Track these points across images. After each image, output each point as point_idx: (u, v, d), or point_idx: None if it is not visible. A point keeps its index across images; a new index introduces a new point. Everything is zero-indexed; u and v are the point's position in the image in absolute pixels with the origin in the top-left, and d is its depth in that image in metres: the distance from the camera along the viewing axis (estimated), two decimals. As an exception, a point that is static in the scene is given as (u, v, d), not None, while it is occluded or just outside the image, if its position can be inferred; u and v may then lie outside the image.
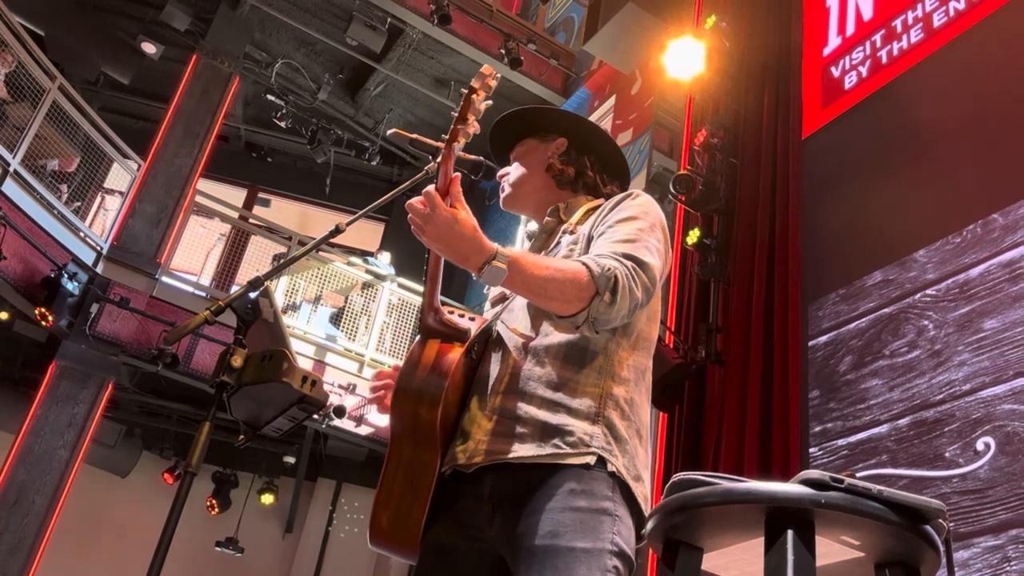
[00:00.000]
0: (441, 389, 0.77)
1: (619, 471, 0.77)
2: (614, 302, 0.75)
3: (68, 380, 3.94)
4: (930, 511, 0.60)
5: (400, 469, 0.78)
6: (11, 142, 3.77)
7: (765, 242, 2.58)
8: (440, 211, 0.71)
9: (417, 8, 4.81)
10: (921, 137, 2.27)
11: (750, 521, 0.61)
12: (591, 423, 0.78)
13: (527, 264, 0.75)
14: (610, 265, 0.76)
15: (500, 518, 0.77)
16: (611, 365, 0.82)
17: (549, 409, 0.78)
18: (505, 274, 0.73)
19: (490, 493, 0.78)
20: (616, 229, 0.83)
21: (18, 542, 3.64)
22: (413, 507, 0.76)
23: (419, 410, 0.78)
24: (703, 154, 2.85)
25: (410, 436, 0.78)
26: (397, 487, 0.78)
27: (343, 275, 5.01)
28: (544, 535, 0.72)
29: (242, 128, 6.01)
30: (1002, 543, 1.67)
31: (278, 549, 5.20)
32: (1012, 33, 2.11)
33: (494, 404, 0.80)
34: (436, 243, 0.73)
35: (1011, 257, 1.90)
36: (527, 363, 0.81)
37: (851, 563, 0.64)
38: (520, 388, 0.80)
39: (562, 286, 0.75)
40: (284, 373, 0.99)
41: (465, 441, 0.80)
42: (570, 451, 0.76)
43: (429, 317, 0.83)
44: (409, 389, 0.79)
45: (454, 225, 0.72)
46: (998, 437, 1.76)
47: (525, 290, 0.76)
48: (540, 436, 0.77)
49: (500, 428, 0.79)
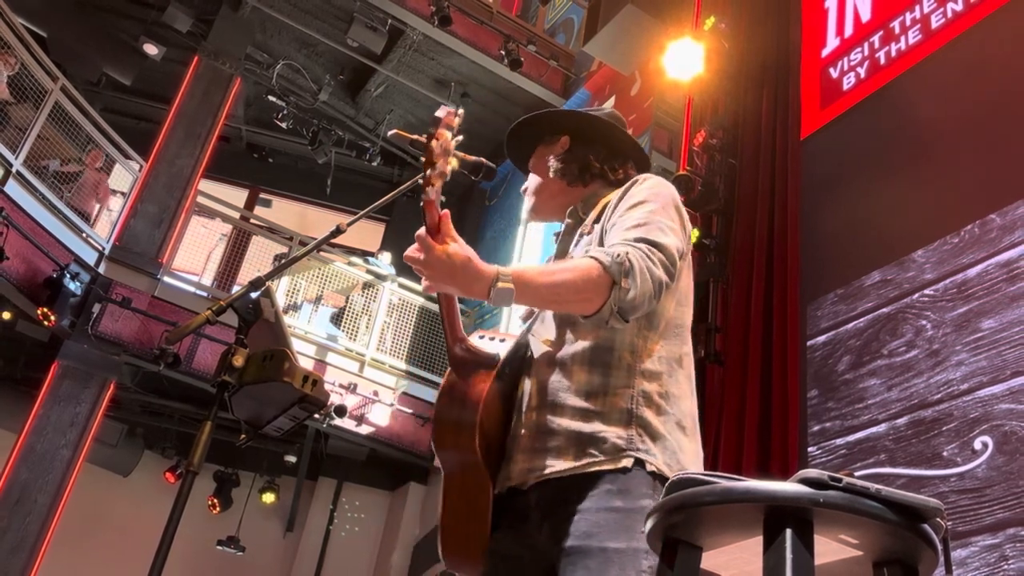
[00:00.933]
0: (474, 420, 0.79)
1: (659, 469, 0.77)
2: (634, 286, 0.74)
3: (70, 380, 3.95)
4: (928, 510, 0.59)
5: (458, 495, 0.82)
6: (14, 143, 3.78)
7: (764, 242, 2.59)
8: (433, 253, 0.72)
9: (417, 9, 4.82)
10: (919, 138, 2.28)
11: (749, 520, 0.61)
12: (624, 426, 0.78)
13: (532, 277, 0.74)
14: (620, 251, 0.76)
15: (547, 525, 0.78)
16: (640, 362, 0.81)
17: (581, 418, 0.79)
18: (513, 292, 0.73)
19: (537, 503, 0.80)
20: (626, 217, 0.83)
21: (20, 541, 3.65)
22: (475, 530, 0.80)
23: (459, 441, 0.80)
24: (702, 155, 2.85)
25: (458, 465, 0.82)
26: (460, 511, 0.82)
27: (344, 275, 5.02)
28: (579, 536, 0.74)
29: (243, 129, 6.03)
30: (999, 542, 1.68)
31: (279, 548, 5.20)
32: (1010, 34, 2.12)
33: (529, 420, 0.82)
34: (439, 284, 0.74)
35: (1009, 257, 1.90)
36: (555, 374, 0.82)
37: (849, 562, 0.64)
38: (551, 401, 0.81)
39: (575, 287, 0.74)
40: (285, 373, 1.00)
41: (509, 462, 0.82)
42: (605, 459, 0.77)
43: (456, 347, 0.84)
44: (447, 422, 0.82)
45: (447, 262, 0.72)
46: (995, 436, 1.77)
47: (539, 301, 0.77)
48: (575, 448, 0.78)
49: (536, 444, 0.80)
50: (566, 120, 0.99)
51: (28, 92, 3.94)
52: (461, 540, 0.81)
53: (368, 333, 4.84)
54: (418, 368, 4.92)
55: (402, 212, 6.12)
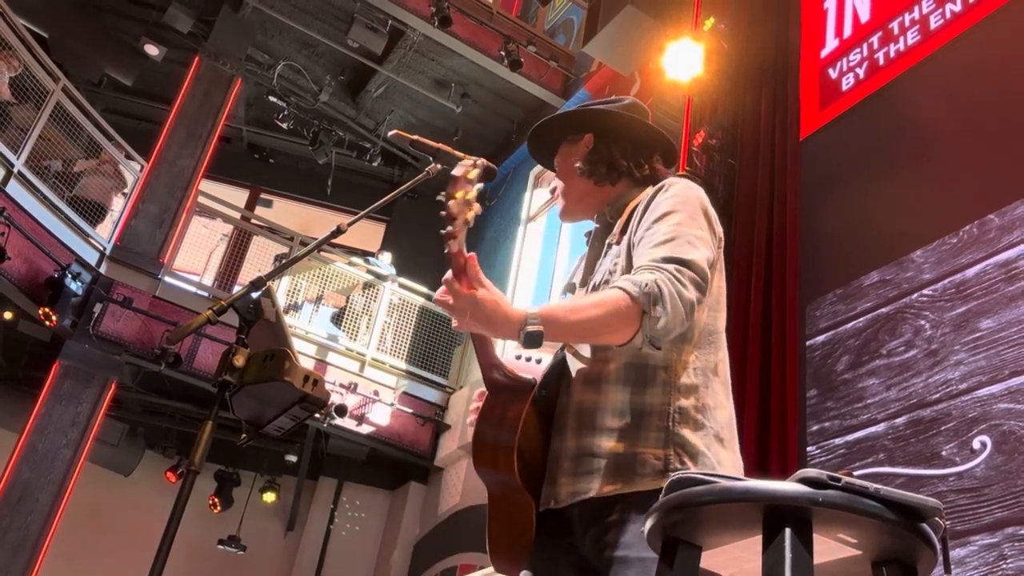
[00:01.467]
0: (512, 444, 0.80)
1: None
2: (663, 314, 0.75)
3: (72, 379, 3.96)
4: (927, 509, 0.59)
5: (503, 513, 0.85)
6: (15, 143, 3.79)
7: (763, 242, 2.59)
8: (461, 298, 0.73)
9: (418, 10, 4.83)
10: (918, 138, 2.28)
11: (748, 519, 0.61)
12: (662, 447, 0.79)
13: (561, 315, 0.75)
14: (647, 280, 0.76)
15: (590, 537, 0.81)
16: (675, 377, 0.81)
17: (619, 439, 0.80)
18: (542, 334, 0.73)
19: (579, 516, 0.82)
20: (653, 232, 0.82)
21: (22, 540, 3.66)
22: (519, 540, 0.84)
23: (498, 464, 0.82)
24: (702, 155, 2.86)
25: (500, 491, 0.85)
26: (504, 528, 0.85)
27: (344, 275, 5.02)
28: (620, 547, 0.77)
29: (244, 129, 6.04)
30: (998, 541, 1.68)
31: (280, 547, 5.21)
32: (1009, 35, 2.12)
33: (571, 444, 0.83)
34: (472, 327, 0.76)
35: (1007, 257, 1.91)
36: (591, 394, 0.83)
37: (848, 561, 0.64)
38: (590, 422, 0.82)
39: (605, 321, 0.75)
40: (286, 372, 1.00)
41: (552, 485, 0.84)
42: (643, 482, 0.79)
43: (493, 372, 0.85)
44: (485, 446, 0.84)
45: (476, 308, 0.73)
46: (994, 436, 1.77)
47: (570, 338, 0.78)
48: (614, 471, 0.80)
49: (576, 467, 0.82)
50: (588, 118, 0.98)
51: (29, 93, 3.95)
52: (507, 551, 0.85)
53: (368, 333, 4.84)
54: (418, 368, 4.93)
55: (402, 212, 6.13)
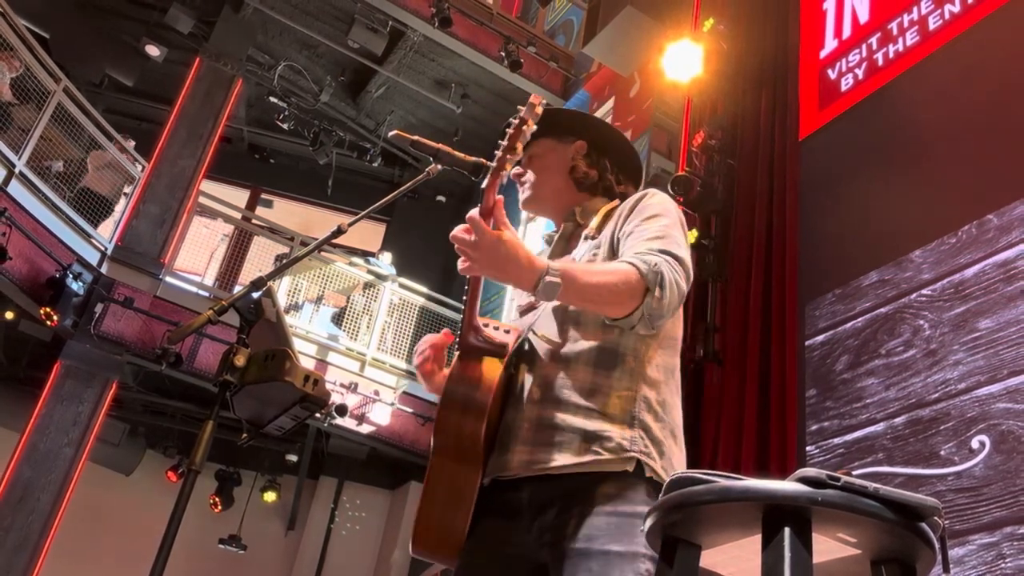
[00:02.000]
0: (485, 405, 0.79)
1: (657, 474, 0.78)
2: (664, 296, 0.77)
3: (73, 379, 3.97)
4: (926, 509, 0.59)
5: (443, 482, 0.80)
6: (16, 144, 3.80)
7: (762, 242, 2.59)
8: (486, 237, 0.72)
9: (418, 11, 4.83)
10: (917, 139, 2.29)
11: (747, 519, 0.61)
12: (628, 427, 0.79)
13: (579, 275, 0.75)
14: (656, 261, 0.78)
15: (539, 524, 0.78)
16: (641, 367, 0.82)
17: (585, 415, 0.79)
18: (560, 288, 0.73)
19: (529, 500, 0.79)
20: (644, 228, 0.84)
21: (23, 539, 3.67)
22: (456, 518, 0.78)
23: (464, 425, 0.79)
24: (701, 155, 2.86)
25: (453, 451, 0.80)
26: (440, 499, 0.80)
27: (345, 275, 5.03)
28: (580, 539, 0.74)
29: (245, 130, 6.05)
30: (997, 540, 1.69)
31: (280, 546, 5.22)
32: (1007, 35, 2.13)
33: (531, 414, 0.81)
34: (487, 269, 0.73)
35: (1006, 257, 1.91)
36: (559, 370, 0.82)
37: (847, 560, 0.64)
38: (555, 396, 0.81)
39: (615, 289, 0.76)
40: (286, 372, 1.00)
41: (504, 452, 0.81)
42: (610, 457, 0.77)
43: (470, 335, 0.83)
44: (454, 404, 0.80)
45: (501, 247, 0.72)
46: (993, 435, 1.78)
47: (580, 300, 0.77)
48: (579, 444, 0.78)
49: (539, 438, 0.80)
50: (585, 124, 0.98)
51: (31, 93, 3.95)
52: (439, 527, 0.79)
53: (369, 333, 4.85)
54: (419, 368, 4.93)
55: (403, 213, 6.14)
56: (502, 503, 0.81)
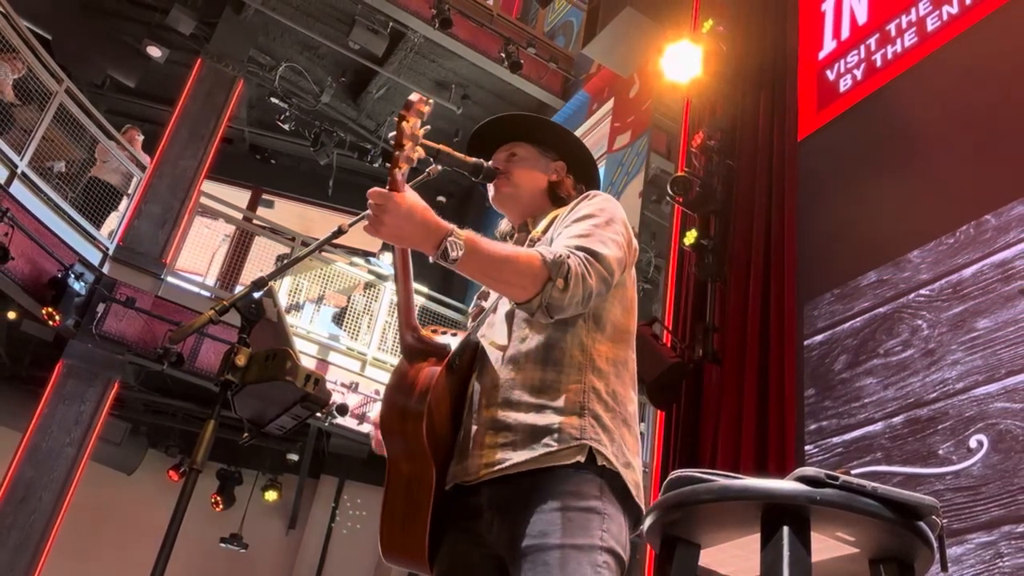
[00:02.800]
0: (423, 404, 0.79)
1: (609, 459, 0.79)
2: (566, 288, 0.78)
3: (75, 379, 3.98)
4: (924, 508, 0.60)
5: (400, 487, 0.80)
6: (19, 144, 3.82)
7: (761, 242, 2.60)
8: (394, 198, 0.73)
9: (418, 12, 4.85)
10: (915, 139, 2.29)
11: (747, 518, 0.62)
12: (578, 417, 0.80)
13: (483, 245, 0.76)
14: (562, 253, 0.79)
15: (497, 524, 0.79)
16: (589, 360, 0.84)
17: (536, 412, 0.80)
18: (462, 251, 0.74)
19: (488, 502, 0.81)
20: (571, 227, 0.86)
21: (26, 538, 3.68)
22: (416, 522, 0.78)
23: (406, 427, 0.80)
24: (700, 156, 2.87)
25: (403, 453, 0.81)
26: (399, 504, 0.80)
27: (345, 275, 5.04)
28: (536, 535, 0.75)
29: (246, 130, 6.06)
30: (995, 539, 1.69)
31: (282, 545, 5.24)
32: (1005, 36, 2.13)
33: (484, 417, 0.82)
34: (392, 228, 0.74)
35: (1003, 258, 1.91)
36: (509, 372, 0.84)
37: (846, 559, 0.65)
38: (505, 398, 0.82)
39: (516, 269, 0.77)
40: (287, 372, 1.01)
41: (464, 459, 0.82)
42: (561, 447, 0.78)
43: (408, 336, 0.84)
44: (394, 408, 0.81)
45: (407, 207, 0.73)
46: (991, 435, 1.78)
47: (480, 271, 0.77)
48: (530, 439, 0.79)
49: (493, 440, 0.81)
50: (569, 146, 1.02)
51: (33, 94, 3.97)
52: (402, 534, 0.80)
53: (369, 332, 4.86)
54: (419, 368, 4.93)
55: (403, 213, 6.12)
56: (464, 507, 0.82)
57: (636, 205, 3.93)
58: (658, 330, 2.74)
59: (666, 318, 2.92)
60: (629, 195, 3.96)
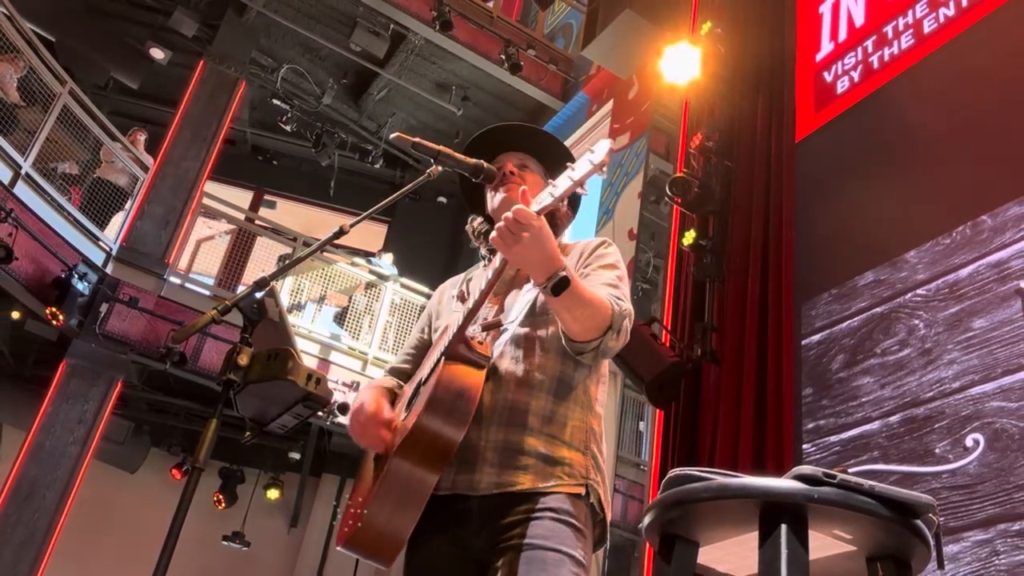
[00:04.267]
0: (469, 414, 0.81)
1: (600, 500, 0.86)
2: (618, 339, 0.84)
3: (78, 378, 4.01)
4: (920, 506, 0.60)
5: (399, 483, 0.80)
6: (23, 145, 3.84)
7: (759, 243, 2.61)
8: (531, 221, 0.77)
9: (419, 14, 4.87)
10: (912, 141, 2.30)
11: (745, 516, 0.62)
12: (582, 455, 0.86)
13: (579, 285, 0.81)
14: (627, 308, 0.86)
15: (488, 529, 0.83)
16: (589, 400, 0.90)
17: (547, 442, 0.85)
18: (568, 286, 0.78)
19: (478, 509, 0.84)
20: (600, 274, 0.91)
21: (29, 535, 3.71)
22: (404, 520, 0.79)
23: (444, 430, 0.80)
24: (699, 157, 2.88)
25: (420, 451, 0.80)
26: (392, 499, 0.80)
27: (347, 275, 5.07)
28: (535, 536, 0.80)
29: (248, 132, 6.09)
30: (991, 537, 1.70)
31: (283, 543, 5.26)
32: (1001, 38, 2.15)
33: (497, 437, 0.85)
34: (525, 251, 0.78)
35: (999, 258, 1.92)
36: (523, 395, 0.87)
37: (843, 557, 0.65)
38: (519, 421, 0.86)
39: (594, 312, 0.82)
40: (289, 371, 1.03)
41: (471, 471, 0.84)
42: (569, 482, 0.84)
43: (460, 345, 0.86)
44: (440, 408, 0.81)
45: (543, 233, 0.79)
46: (987, 434, 1.79)
47: (566, 308, 0.81)
48: (543, 469, 0.84)
49: (503, 460, 0.84)
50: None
51: (37, 96, 3.99)
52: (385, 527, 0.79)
53: (371, 332, 4.88)
54: (420, 367, 4.95)
55: (404, 214, 6.17)
56: (450, 512, 0.84)
57: (635, 205, 3.94)
58: (657, 330, 2.75)
59: (665, 318, 2.93)
60: (628, 195, 3.98)
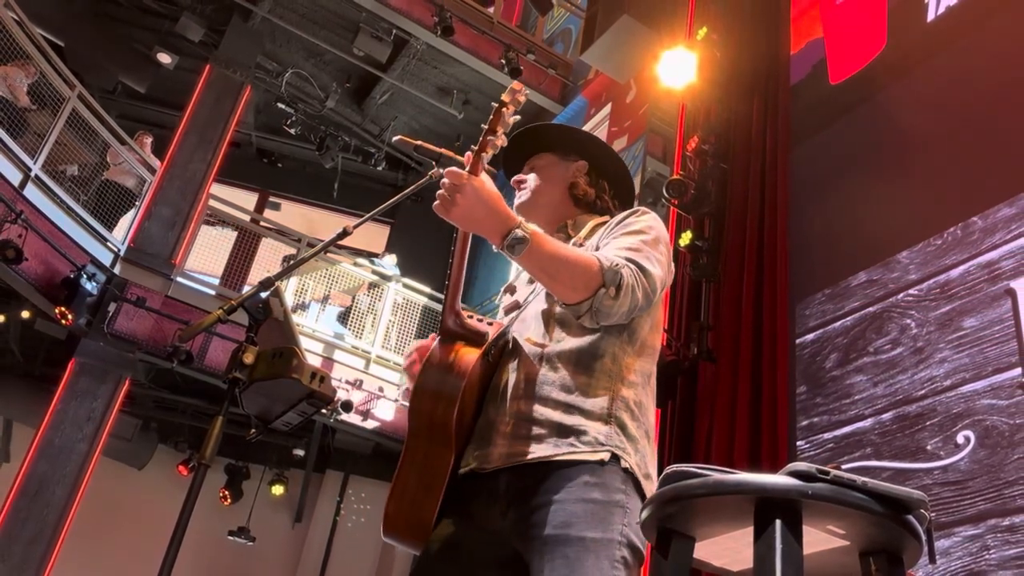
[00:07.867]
0: (458, 389, 0.79)
1: (632, 467, 0.79)
2: (617, 297, 0.78)
3: (87, 376, 4.06)
4: (912, 502, 0.61)
5: (415, 464, 0.80)
6: (33, 148, 3.90)
7: (754, 244, 2.64)
8: (473, 181, 0.74)
9: (421, 20, 4.93)
10: (905, 144, 2.33)
11: (740, 511, 0.63)
12: (604, 423, 0.80)
13: (546, 242, 0.77)
14: (618, 263, 0.80)
15: (514, 511, 0.78)
16: (620, 369, 0.84)
17: (564, 411, 0.81)
18: (527, 244, 0.74)
19: (505, 489, 0.80)
20: (622, 240, 0.86)
21: (39, 531, 3.76)
22: (426, 500, 0.78)
23: (436, 408, 0.80)
24: (695, 160, 2.92)
25: (426, 433, 0.80)
26: (412, 481, 0.79)
27: (350, 276, 5.11)
28: (557, 525, 0.75)
29: (253, 135, 6.15)
30: (981, 532, 1.73)
31: (288, 538, 5.29)
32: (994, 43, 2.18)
33: (512, 409, 0.82)
34: (466, 211, 0.74)
35: (989, 258, 1.95)
36: (542, 369, 0.83)
37: (837, 552, 0.66)
38: (536, 392, 0.82)
39: (573, 270, 0.77)
40: (294, 369, 1.04)
41: (484, 447, 0.82)
42: (585, 449, 0.78)
43: (449, 320, 0.84)
44: (427, 388, 0.81)
45: (482, 191, 0.74)
46: (977, 431, 1.82)
47: (539, 267, 0.77)
48: (556, 437, 0.79)
49: (518, 431, 0.81)
50: (588, 146, 1.01)
51: (46, 100, 4.04)
52: (410, 509, 0.79)
53: (374, 331, 4.92)
54: (422, 366, 4.99)
55: (406, 215, 6.22)
56: (477, 491, 0.81)
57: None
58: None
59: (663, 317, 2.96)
60: (627, 197, 3.99)
